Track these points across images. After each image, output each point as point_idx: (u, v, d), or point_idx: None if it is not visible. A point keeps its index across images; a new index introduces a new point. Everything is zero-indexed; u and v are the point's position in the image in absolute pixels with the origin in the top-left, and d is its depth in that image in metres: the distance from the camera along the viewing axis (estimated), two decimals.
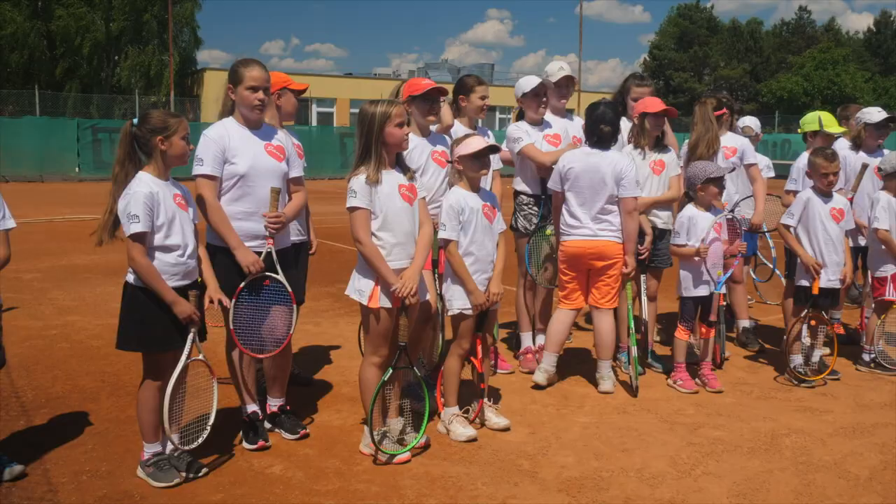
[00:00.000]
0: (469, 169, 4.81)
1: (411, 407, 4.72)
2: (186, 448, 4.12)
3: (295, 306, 4.57)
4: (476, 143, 4.78)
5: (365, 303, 4.39)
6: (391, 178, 4.42)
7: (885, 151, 6.87)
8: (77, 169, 27.74)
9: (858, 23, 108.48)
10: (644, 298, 6.13)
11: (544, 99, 6.07)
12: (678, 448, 4.67)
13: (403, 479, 4.20)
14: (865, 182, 6.80)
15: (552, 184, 5.71)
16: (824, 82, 55.08)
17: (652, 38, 67.38)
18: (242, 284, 4.41)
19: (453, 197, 4.84)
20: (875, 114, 6.89)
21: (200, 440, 4.16)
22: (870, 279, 6.41)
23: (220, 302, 4.26)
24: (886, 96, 54.00)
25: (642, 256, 5.89)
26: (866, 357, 6.26)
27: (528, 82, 6.11)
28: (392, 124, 4.36)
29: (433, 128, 5.33)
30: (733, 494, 4.07)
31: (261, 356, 4.59)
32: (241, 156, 4.47)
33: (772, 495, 4.06)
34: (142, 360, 4.20)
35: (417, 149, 5.08)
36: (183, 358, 4.05)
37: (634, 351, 5.73)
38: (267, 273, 4.47)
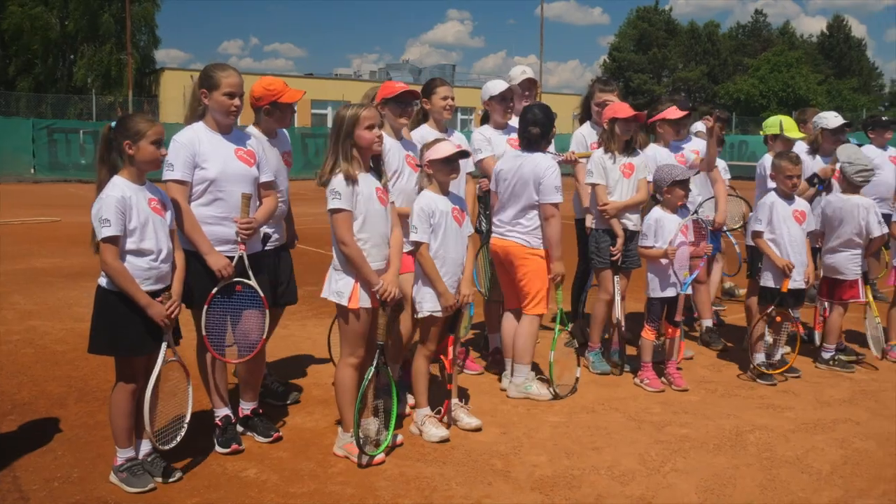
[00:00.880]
0: (439, 173, 4.86)
1: (385, 407, 4.76)
2: (165, 448, 4.11)
3: (267, 311, 4.56)
4: (446, 149, 4.84)
5: (345, 304, 4.42)
6: (368, 181, 4.47)
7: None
8: (32, 170, 27.28)
9: (812, 26, 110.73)
10: (617, 298, 6.22)
11: (511, 104, 6.14)
12: (646, 446, 4.76)
13: (378, 481, 4.24)
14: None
15: (491, 185, 5.81)
16: (779, 85, 56.20)
17: (611, 39, 68.11)
18: (215, 290, 4.40)
19: (424, 200, 4.88)
20: (832, 119, 7.07)
21: (178, 439, 4.16)
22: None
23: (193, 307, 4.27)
24: (840, 98, 55.25)
25: (614, 258, 5.99)
26: (826, 355, 6.43)
27: (496, 86, 6.19)
28: (362, 127, 4.40)
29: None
30: (701, 490, 4.17)
31: (233, 361, 4.60)
32: (211, 161, 4.46)
33: (738, 490, 4.17)
34: (111, 365, 4.18)
35: (392, 151, 5.11)
36: (159, 361, 4.04)
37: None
38: (238, 279, 4.47)
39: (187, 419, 4.21)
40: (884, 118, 8.26)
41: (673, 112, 6.50)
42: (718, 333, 7.13)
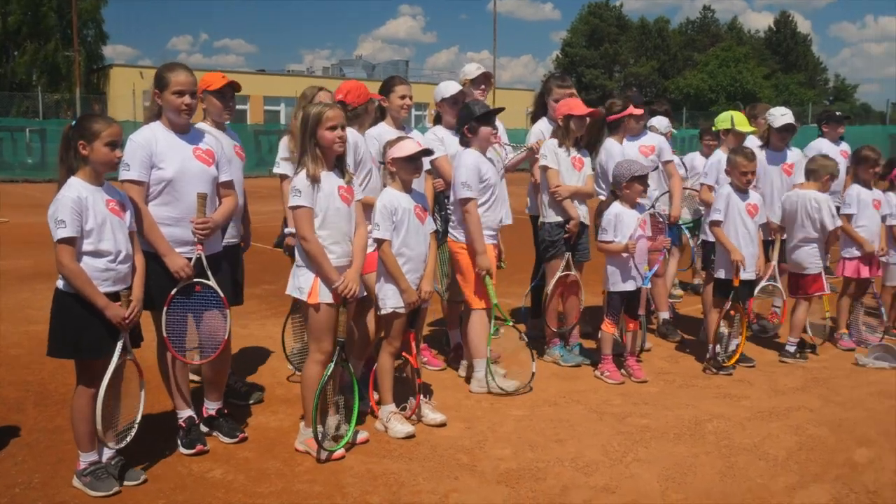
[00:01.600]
0: (402, 171, 4.89)
1: (346, 403, 4.77)
2: (112, 448, 4.08)
3: (228, 311, 4.54)
4: (409, 147, 4.87)
5: (305, 299, 4.43)
6: (331, 180, 4.48)
7: (791, 150, 7.24)
8: None
9: (759, 22, 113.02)
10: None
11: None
12: (609, 437, 4.85)
13: (346, 478, 4.25)
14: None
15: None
16: (728, 79, 57.21)
17: (563, 35, 68.67)
18: (174, 291, 4.37)
19: (386, 197, 4.91)
20: (778, 118, 7.22)
21: (127, 440, 4.12)
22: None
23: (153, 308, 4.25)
24: (787, 93, 56.45)
25: (567, 235, 6.09)
26: (790, 349, 6.56)
27: (448, 88, 6.26)
28: (324, 127, 4.41)
29: None
30: (663, 479, 4.26)
31: (196, 362, 4.58)
32: (168, 160, 4.41)
33: (699, 478, 4.28)
34: (69, 368, 4.15)
35: (359, 147, 5.26)
36: (112, 363, 3.99)
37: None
38: (197, 279, 4.44)
39: (137, 420, 4.17)
40: (837, 113, 8.48)
41: (637, 108, 6.67)
42: (675, 325, 7.27)
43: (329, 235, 4.46)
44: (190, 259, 4.42)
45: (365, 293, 4.87)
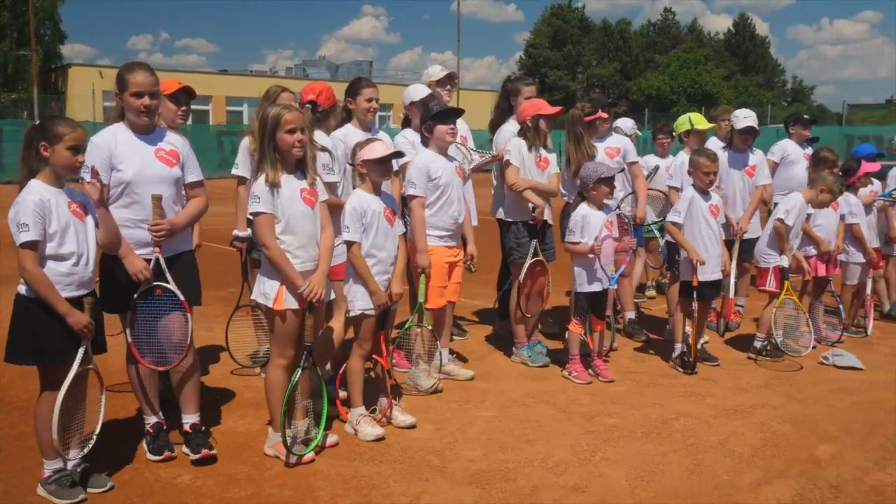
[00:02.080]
0: (373, 173, 4.89)
1: (314, 407, 4.75)
2: (71, 458, 4.01)
3: (190, 314, 4.44)
4: (380, 150, 4.86)
5: (270, 305, 4.40)
6: (292, 183, 4.44)
7: (754, 152, 7.36)
8: None
9: (719, 24, 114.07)
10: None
11: None
12: (577, 436, 4.89)
13: (316, 482, 4.23)
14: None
15: None
16: (688, 81, 57.89)
17: (527, 36, 68.95)
18: (136, 295, 4.31)
19: (356, 199, 4.90)
20: (741, 120, 7.32)
21: (86, 450, 4.06)
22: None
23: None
24: (746, 94, 57.27)
25: (534, 221, 6.14)
26: (757, 344, 6.66)
27: (417, 92, 6.27)
28: (283, 130, 4.37)
29: None
30: (632, 477, 4.31)
31: (161, 368, 4.49)
32: (127, 162, 4.34)
33: (666, 476, 4.33)
34: (30, 374, 4.10)
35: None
36: (73, 370, 3.92)
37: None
38: (157, 283, 4.36)
39: (96, 431, 4.09)
40: (805, 116, 8.62)
41: (605, 111, 6.76)
42: (640, 325, 7.35)
43: (294, 240, 4.42)
44: (149, 261, 4.35)
45: (333, 296, 4.85)
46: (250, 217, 4.46)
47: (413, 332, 5.70)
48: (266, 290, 4.44)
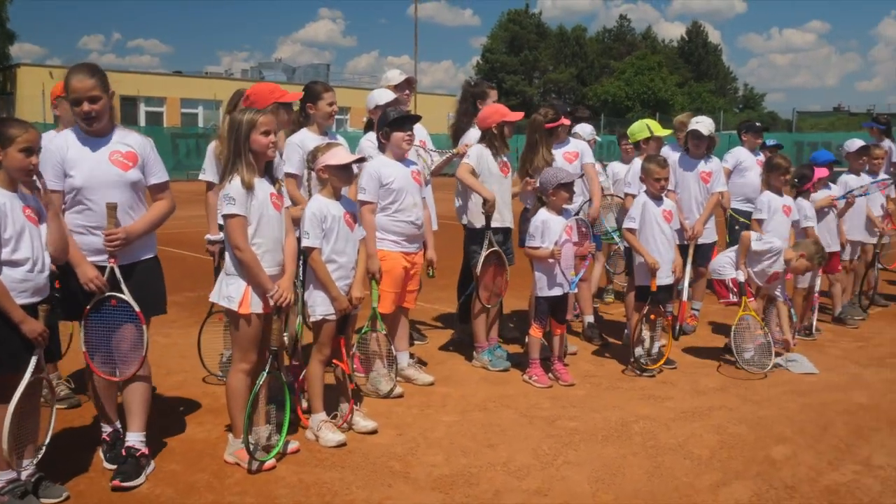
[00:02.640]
0: (335, 179, 4.87)
1: (276, 414, 4.71)
2: (20, 470, 3.91)
3: (145, 327, 4.26)
4: (343, 155, 4.85)
5: (235, 308, 4.36)
6: (263, 186, 4.43)
7: (712, 159, 7.50)
8: None
9: (672, 31, 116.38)
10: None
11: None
12: (539, 440, 4.92)
13: (278, 489, 4.20)
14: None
15: None
16: (643, 87, 58.74)
17: (483, 41, 69.36)
18: (89, 306, 4.21)
19: (315, 205, 4.88)
20: (692, 124, 7.49)
21: (37, 458, 3.96)
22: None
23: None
24: (699, 101, 58.27)
25: (483, 212, 6.19)
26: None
27: (382, 95, 6.27)
28: (258, 132, 4.36)
29: None
30: (593, 480, 4.35)
31: (115, 379, 4.35)
32: (77, 167, 4.20)
33: (627, 479, 4.38)
34: None
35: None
36: (25, 379, 3.83)
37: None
38: (112, 293, 4.22)
39: (47, 440, 3.99)
40: (757, 124, 8.78)
41: (566, 119, 6.86)
42: (599, 329, 7.43)
43: (263, 244, 4.39)
44: (104, 269, 4.22)
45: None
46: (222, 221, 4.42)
47: (369, 336, 5.68)
48: (230, 294, 4.39)
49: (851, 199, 8.00)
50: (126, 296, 4.24)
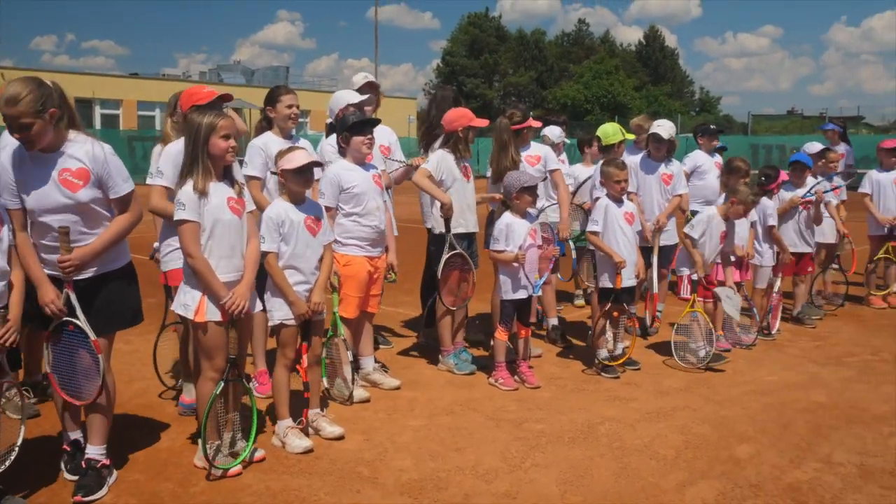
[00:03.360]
0: (292, 183, 4.82)
1: (241, 420, 4.66)
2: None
3: (100, 356, 4.07)
4: (299, 158, 4.80)
5: (191, 317, 4.30)
6: (219, 190, 4.36)
7: (673, 162, 7.61)
8: None
9: (630, 35, 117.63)
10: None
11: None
12: (506, 443, 4.93)
13: (244, 497, 4.15)
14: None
15: None
16: (602, 91, 59.32)
17: (443, 44, 69.54)
18: (50, 328, 4.08)
19: (273, 210, 4.83)
20: (654, 127, 7.62)
21: (7, 463, 3.87)
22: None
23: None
24: (656, 104, 59.02)
25: (445, 215, 6.17)
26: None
27: (347, 97, 6.22)
28: (217, 135, 4.30)
29: None
30: (561, 482, 4.37)
31: (78, 402, 4.22)
32: (27, 188, 3.97)
33: (595, 480, 4.41)
34: None
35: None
36: None
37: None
38: (69, 318, 4.06)
39: (19, 441, 3.91)
40: (712, 127, 8.93)
41: (535, 122, 6.93)
42: (563, 331, 7.47)
43: (217, 250, 4.32)
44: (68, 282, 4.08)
45: (259, 308, 4.75)
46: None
47: (332, 342, 5.65)
48: (187, 302, 4.33)
49: (820, 197, 8.13)
50: (81, 322, 4.05)
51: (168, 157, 4.93)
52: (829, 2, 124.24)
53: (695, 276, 6.74)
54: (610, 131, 7.56)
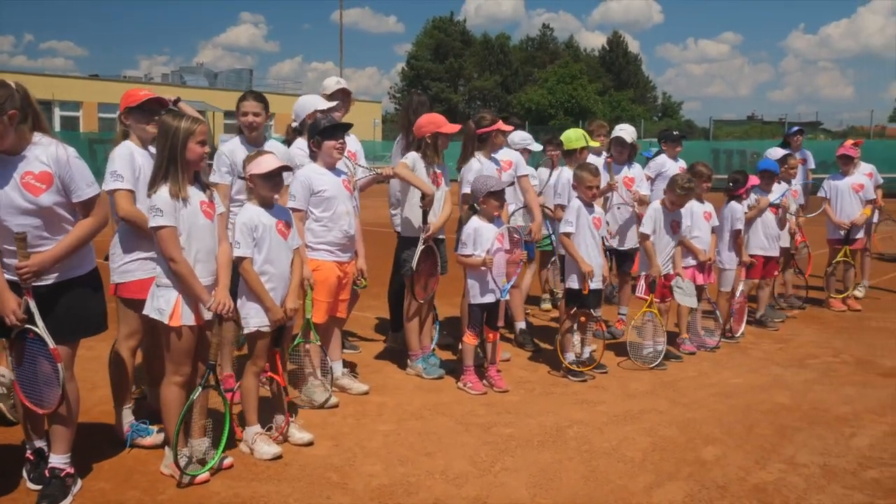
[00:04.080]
0: (262, 188, 4.79)
1: (215, 426, 4.61)
2: None
3: (60, 365, 3.95)
4: (268, 163, 4.77)
5: (166, 321, 4.25)
6: (193, 195, 4.33)
7: (634, 165, 7.72)
8: None
9: (594, 41, 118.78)
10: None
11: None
12: (476, 447, 4.94)
13: None
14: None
15: None
16: (565, 95, 59.72)
17: (408, 48, 69.55)
18: (12, 336, 3.98)
19: (246, 214, 4.80)
20: (616, 132, 7.76)
21: None
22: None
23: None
24: (619, 109, 59.58)
25: (421, 206, 6.19)
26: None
27: (316, 102, 6.19)
28: (194, 141, 4.27)
29: None
30: (531, 486, 4.39)
31: (41, 411, 4.11)
32: None
33: (564, 483, 4.43)
34: None
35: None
36: None
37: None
38: (29, 326, 3.94)
39: None
40: (675, 132, 9.07)
41: (504, 124, 6.94)
42: (531, 335, 7.51)
43: (194, 254, 4.29)
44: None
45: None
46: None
47: (302, 348, 5.62)
48: (160, 306, 4.28)
49: (786, 206, 8.29)
50: (40, 330, 3.94)
51: (122, 160, 4.79)
52: (787, 9, 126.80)
53: (654, 274, 6.88)
54: (572, 137, 7.61)
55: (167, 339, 4.33)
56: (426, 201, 6.13)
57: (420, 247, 6.19)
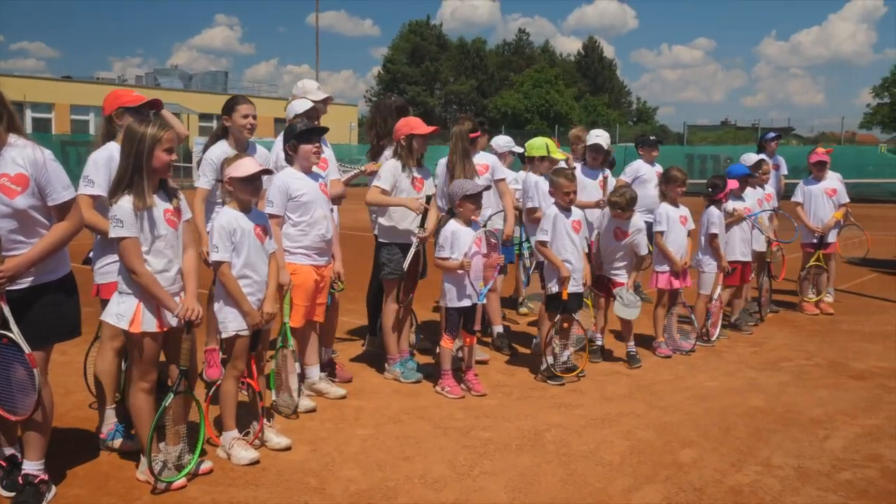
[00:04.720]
0: (241, 192, 4.76)
1: (189, 432, 4.57)
2: None
3: (36, 370, 3.89)
4: (248, 167, 4.74)
5: (126, 328, 4.20)
6: (158, 204, 4.27)
7: (605, 171, 7.81)
8: None
9: (569, 46, 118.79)
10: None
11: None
12: (454, 451, 4.93)
13: None
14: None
15: None
16: (541, 100, 59.95)
17: (384, 51, 69.53)
18: None
19: (224, 218, 4.76)
20: (592, 137, 7.84)
21: None
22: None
23: None
24: (595, 113, 59.92)
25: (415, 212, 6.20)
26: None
27: (301, 105, 6.19)
28: (161, 148, 4.21)
29: None
30: (510, 489, 4.39)
31: (14, 418, 4.03)
32: None
33: (543, 487, 4.44)
34: None
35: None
36: None
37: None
38: (2, 331, 3.88)
39: None
40: (651, 138, 9.17)
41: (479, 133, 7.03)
42: (508, 338, 7.52)
43: (157, 263, 4.23)
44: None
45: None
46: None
47: (281, 353, 5.58)
48: (121, 312, 4.22)
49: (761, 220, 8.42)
50: (15, 335, 3.87)
51: (97, 165, 4.75)
52: (759, 17, 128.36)
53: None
54: (535, 144, 7.64)
55: (130, 346, 4.29)
56: (415, 209, 6.14)
57: (414, 249, 6.21)
